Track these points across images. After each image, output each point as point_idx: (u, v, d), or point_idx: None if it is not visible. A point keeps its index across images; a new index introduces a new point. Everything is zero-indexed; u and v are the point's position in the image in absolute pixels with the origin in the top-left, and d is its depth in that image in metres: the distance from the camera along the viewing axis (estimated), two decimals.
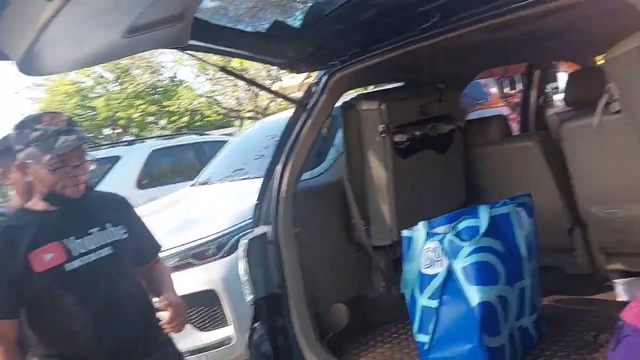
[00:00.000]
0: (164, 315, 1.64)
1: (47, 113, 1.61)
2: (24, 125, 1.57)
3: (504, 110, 6.26)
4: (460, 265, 1.70)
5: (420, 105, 2.30)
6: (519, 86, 7.24)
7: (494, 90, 7.56)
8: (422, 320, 1.78)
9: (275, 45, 2.06)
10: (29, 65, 1.45)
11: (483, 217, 1.73)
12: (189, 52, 1.98)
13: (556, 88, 4.15)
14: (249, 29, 2.04)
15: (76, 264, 1.56)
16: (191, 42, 1.87)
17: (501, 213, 1.77)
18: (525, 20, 1.67)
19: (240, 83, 19.18)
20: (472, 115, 5.90)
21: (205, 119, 25.77)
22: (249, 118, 22.10)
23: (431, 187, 2.38)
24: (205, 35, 1.90)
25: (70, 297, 1.55)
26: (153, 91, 24.97)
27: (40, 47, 1.32)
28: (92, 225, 1.63)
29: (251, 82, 2.45)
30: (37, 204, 1.62)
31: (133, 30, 1.56)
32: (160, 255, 3.10)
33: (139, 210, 5.01)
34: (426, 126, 2.30)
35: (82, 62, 1.74)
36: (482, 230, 1.71)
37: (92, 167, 1.65)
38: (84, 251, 1.58)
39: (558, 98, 3.98)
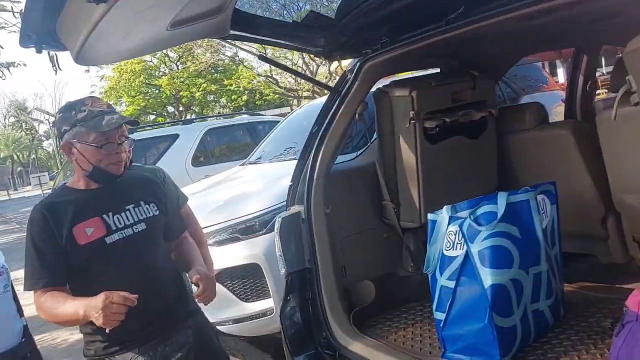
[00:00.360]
0: (193, 287, 1.81)
1: (89, 97, 1.74)
2: (70, 107, 1.71)
3: (562, 94, 6.08)
4: (476, 248, 1.77)
5: (452, 92, 2.34)
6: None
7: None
8: (440, 299, 1.87)
9: (311, 34, 2.17)
10: (82, 57, 1.64)
11: (501, 204, 1.78)
12: (229, 40, 2.12)
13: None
14: (286, 19, 2.16)
15: (115, 237, 1.71)
16: (232, 31, 2.01)
17: (519, 200, 1.82)
18: (569, 4, 1.65)
19: (299, 62, 19.43)
20: (529, 98, 5.81)
21: (263, 98, 26.26)
22: (306, 97, 22.34)
23: (462, 172, 2.42)
24: (244, 25, 2.03)
25: (110, 268, 1.70)
26: (214, 70, 25.67)
27: (92, 41, 1.50)
28: (127, 202, 1.76)
29: (287, 69, 2.53)
30: (78, 182, 1.77)
31: (176, 23, 1.72)
32: (210, 229, 3.32)
33: (192, 186, 5.36)
34: (458, 113, 2.34)
35: (130, 53, 1.93)
36: (499, 215, 1.77)
37: (132, 146, 1.81)
38: (121, 226, 1.72)
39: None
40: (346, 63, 2.34)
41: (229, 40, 2.12)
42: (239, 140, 7.27)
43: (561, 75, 13.98)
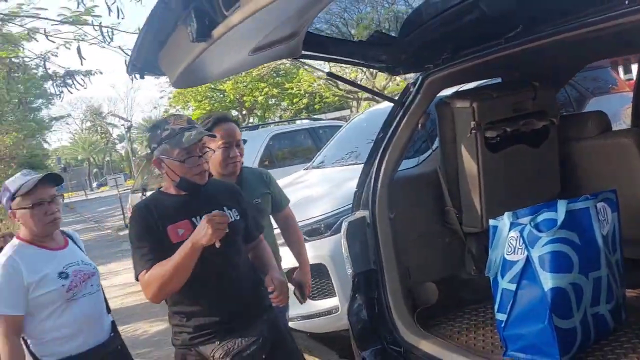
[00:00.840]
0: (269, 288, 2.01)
1: (172, 115, 1.97)
2: (156, 127, 1.93)
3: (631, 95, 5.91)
4: (537, 253, 1.86)
5: (514, 102, 2.42)
6: None
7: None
8: (501, 301, 1.97)
9: (376, 52, 2.33)
10: (177, 82, 1.89)
11: (560, 211, 1.87)
12: (301, 60, 2.32)
13: None
14: (352, 38, 2.33)
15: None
16: (303, 52, 2.21)
17: (579, 208, 1.89)
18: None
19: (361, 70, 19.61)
20: (596, 101, 5.68)
21: (323, 101, 26.61)
22: (366, 99, 22.44)
23: (523, 179, 2.50)
24: (314, 46, 2.22)
25: (198, 265, 1.82)
26: (275, 74, 26.29)
27: (188, 70, 1.74)
28: (212, 207, 1.88)
29: (352, 83, 2.66)
30: (169, 188, 1.98)
31: (257, 49, 1.93)
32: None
33: None
34: (519, 122, 2.42)
35: (217, 76, 2.17)
36: (559, 222, 1.85)
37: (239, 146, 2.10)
38: None
39: None
40: None
41: (301, 60, 2.31)
42: (301, 145, 7.52)
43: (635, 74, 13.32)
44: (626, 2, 1.49)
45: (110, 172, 50.79)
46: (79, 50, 5.58)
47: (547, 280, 1.82)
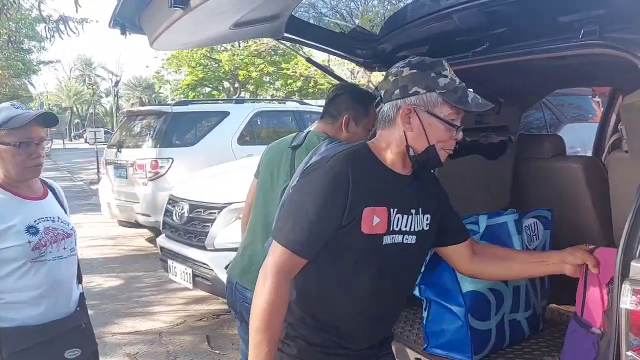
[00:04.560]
0: None
1: (445, 60, 1.39)
2: (427, 66, 1.35)
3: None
4: None
5: (477, 114, 2.54)
6: None
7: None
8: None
9: (355, 46, 2.42)
10: (157, 44, 1.95)
11: (481, 224, 2.00)
12: (282, 41, 2.40)
13: None
14: (334, 29, 2.42)
15: (388, 240, 1.37)
16: (285, 34, 2.29)
17: (498, 223, 2.03)
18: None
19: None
20: (571, 127, 5.86)
21: (317, 87, 26.63)
22: None
23: (474, 189, 2.62)
24: (297, 30, 2.31)
25: (361, 270, 1.38)
26: (274, 52, 26.19)
27: (167, 33, 1.81)
28: (412, 205, 1.41)
29: (331, 73, 2.71)
30: (386, 153, 1.40)
31: (238, 24, 2.01)
32: (240, 205, 3.52)
33: (235, 163, 5.71)
34: (479, 134, 2.55)
35: (195, 44, 2.25)
36: (479, 235, 1.97)
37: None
38: (397, 229, 1.38)
39: None
40: None
41: (281, 41, 2.39)
42: (285, 126, 7.58)
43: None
44: (580, 35, 1.60)
45: (92, 124, 50.13)
46: None
47: (466, 284, 1.94)
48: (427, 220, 1.44)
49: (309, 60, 2.51)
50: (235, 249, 3.66)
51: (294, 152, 2.06)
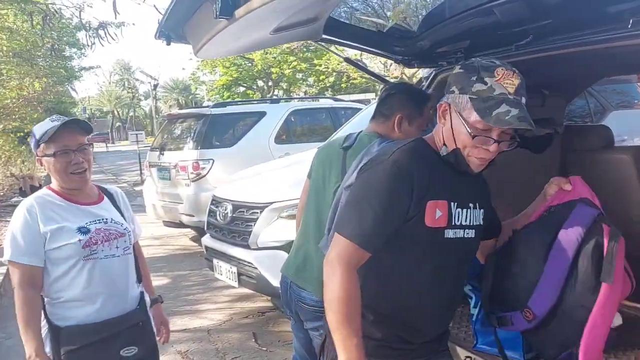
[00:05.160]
0: None
1: (503, 67, 1.31)
2: (474, 69, 1.32)
3: None
4: None
5: None
6: None
7: None
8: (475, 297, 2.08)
9: (394, 44, 2.42)
10: (200, 53, 2.01)
11: None
12: (320, 43, 2.42)
13: None
14: (372, 28, 2.42)
15: (450, 234, 1.39)
16: (324, 36, 2.31)
17: None
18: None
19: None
20: (616, 114, 5.68)
21: (350, 81, 26.55)
22: None
23: (519, 183, 2.59)
24: (334, 31, 2.32)
25: (425, 262, 1.39)
26: (306, 49, 26.24)
27: (210, 43, 1.86)
28: (470, 199, 1.43)
29: (367, 71, 2.69)
30: (433, 143, 1.42)
31: (278, 29, 2.04)
32: (288, 203, 3.52)
33: (274, 162, 5.76)
34: None
35: (237, 51, 2.29)
36: None
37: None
38: (458, 223, 1.40)
39: None
40: None
41: (320, 43, 2.41)
42: (320, 123, 7.62)
43: None
44: (629, 25, 1.56)
45: (132, 127, 51.48)
46: (114, 3, 5.71)
47: None
48: (482, 214, 1.47)
49: (347, 60, 2.53)
50: (278, 248, 3.77)
51: (345, 153, 2.06)
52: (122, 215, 2.04)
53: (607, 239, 1.43)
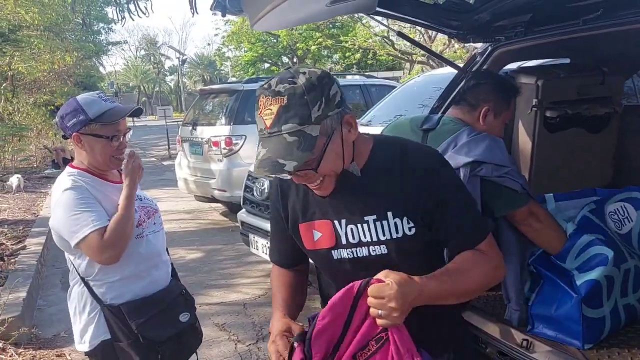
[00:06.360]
0: None
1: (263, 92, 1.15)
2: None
3: None
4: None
5: (580, 85, 2.40)
6: None
7: None
8: (532, 280, 2.04)
9: (450, 17, 2.34)
10: (259, 24, 1.96)
11: (549, 204, 1.96)
12: (374, 16, 2.36)
13: None
14: (427, 0, 2.34)
15: (344, 253, 1.29)
16: (378, 9, 2.24)
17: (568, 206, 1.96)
18: None
19: (418, 27, 19.17)
20: None
21: (376, 58, 26.18)
22: (420, 62, 21.97)
23: (576, 164, 2.51)
24: (390, 3, 2.25)
25: (333, 283, 1.38)
26: (332, 25, 25.90)
27: (270, 14, 1.81)
28: (372, 212, 1.24)
29: (423, 47, 2.58)
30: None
31: (334, 1, 1.99)
32: None
33: None
34: (582, 106, 2.41)
35: (294, 22, 2.24)
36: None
37: None
38: (353, 241, 1.27)
39: None
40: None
41: (373, 16, 2.34)
42: (352, 100, 7.52)
43: None
44: None
45: (158, 102, 51.80)
46: None
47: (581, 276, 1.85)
48: (405, 223, 1.23)
49: (400, 34, 2.45)
50: None
51: (426, 135, 1.99)
52: None
53: None
